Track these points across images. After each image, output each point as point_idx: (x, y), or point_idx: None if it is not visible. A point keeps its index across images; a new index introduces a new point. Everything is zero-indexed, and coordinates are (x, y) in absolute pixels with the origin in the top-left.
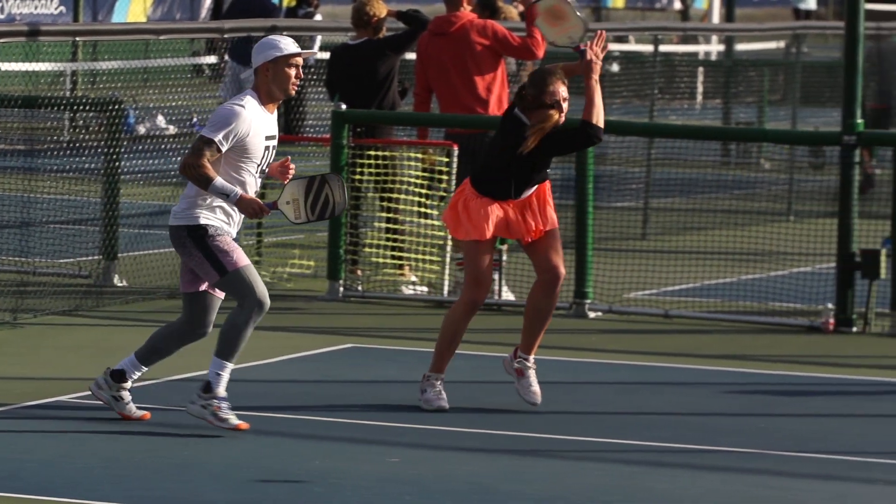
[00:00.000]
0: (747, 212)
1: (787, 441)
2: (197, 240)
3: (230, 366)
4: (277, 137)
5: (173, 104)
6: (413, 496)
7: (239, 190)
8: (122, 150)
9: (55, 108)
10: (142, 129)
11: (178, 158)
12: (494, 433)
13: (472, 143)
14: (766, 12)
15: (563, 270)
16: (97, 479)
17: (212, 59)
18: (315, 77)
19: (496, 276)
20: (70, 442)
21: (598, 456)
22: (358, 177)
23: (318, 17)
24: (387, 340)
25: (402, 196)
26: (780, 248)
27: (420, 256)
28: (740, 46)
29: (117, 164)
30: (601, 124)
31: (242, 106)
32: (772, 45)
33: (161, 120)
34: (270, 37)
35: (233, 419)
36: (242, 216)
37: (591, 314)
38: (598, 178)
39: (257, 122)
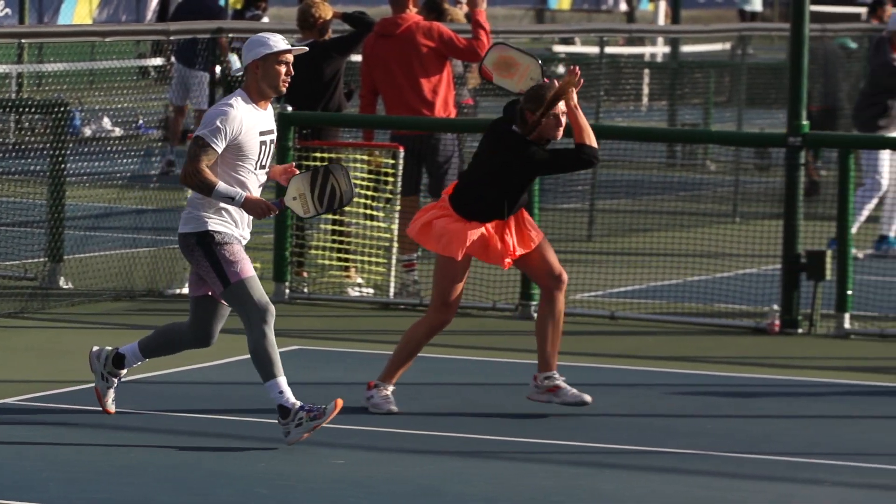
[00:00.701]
0: (693, 213)
1: (732, 442)
2: (205, 247)
3: (282, 378)
4: (275, 132)
5: (119, 106)
6: (359, 498)
7: (243, 192)
8: (68, 152)
9: (0, 110)
10: (87, 131)
11: (124, 160)
12: (440, 435)
13: (417, 144)
14: (712, 14)
15: (565, 275)
16: (44, 482)
17: (158, 61)
18: None
19: None
20: (17, 444)
21: (543, 457)
22: None
23: (265, 20)
24: (333, 342)
25: None
26: (726, 250)
27: (366, 258)
28: (686, 48)
29: (63, 166)
30: (594, 144)
31: (230, 105)
32: (717, 46)
33: (107, 122)
34: (260, 34)
35: (328, 407)
36: (250, 216)
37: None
38: (543, 179)
39: (248, 120)
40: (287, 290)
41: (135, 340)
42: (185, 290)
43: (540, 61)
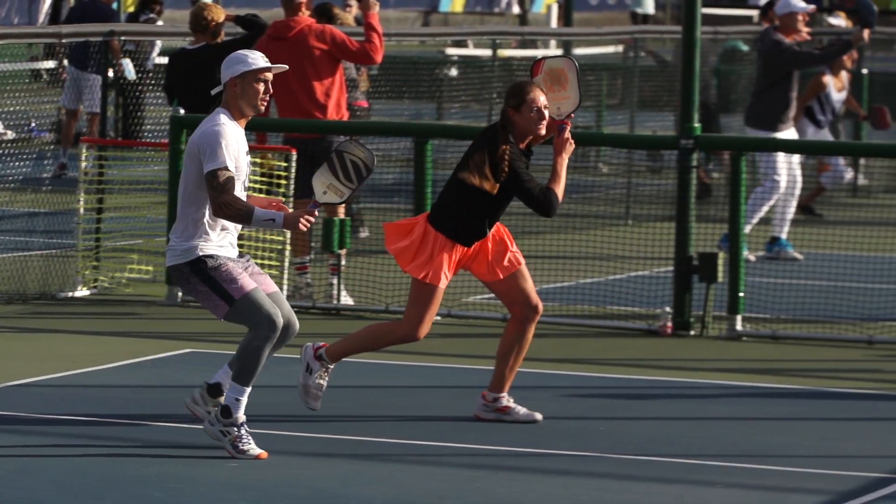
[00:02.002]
0: (585, 216)
1: (625, 444)
2: (199, 273)
3: (248, 390)
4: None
5: (11, 109)
6: (252, 501)
7: (279, 212)
8: None
9: None
10: None
11: (16, 163)
12: (334, 437)
13: (310, 147)
14: (604, 16)
15: (541, 306)
16: None
17: (50, 64)
18: (154, 82)
19: (334, 282)
20: None
21: (438, 460)
22: None
23: (159, 23)
24: (225, 345)
25: None
26: (619, 252)
27: (259, 261)
28: (578, 51)
29: None
30: (560, 199)
31: (221, 124)
32: (610, 49)
33: None
34: (239, 51)
35: (252, 450)
36: (238, 228)
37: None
38: (436, 182)
39: (237, 138)
40: (180, 293)
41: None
42: (78, 294)
43: (581, 102)
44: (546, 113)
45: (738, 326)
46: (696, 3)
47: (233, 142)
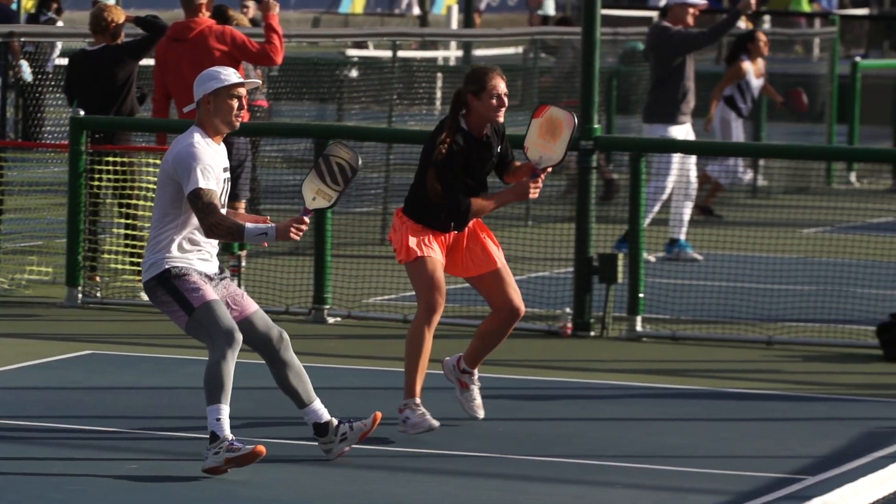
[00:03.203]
0: (486, 217)
1: (525, 445)
2: (164, 283)
3: (225, 407)
4: (229, 169)
5: None
6: (154, 502)
7: (272, 224)
8: None
9: None
10: None
11: None
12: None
13: None
14: (505, 17)
15: (523, 310)
16: None
17: None
18: (54, 83)
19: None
20: None
21: (338, 461)
22: (96, 183)
23: (60, 24)
24: (126, 346)
25: (141, 202)
26: (519, 253)
27: None
28: (479, 52)
29: None
30: (469, 218)
31: (194, 144)
32: (510, 50)
33: None
34: (211, 68)
35: (245, 452)
36: (215, 244)
37: (331, 319)
38: None
39: (211, 157)
40: (80, 295)
41: None
42: None
43: (563, 160)
44: (506, 101)
45: (638, 327)
46: (595, 4)
47: (208, 160)
